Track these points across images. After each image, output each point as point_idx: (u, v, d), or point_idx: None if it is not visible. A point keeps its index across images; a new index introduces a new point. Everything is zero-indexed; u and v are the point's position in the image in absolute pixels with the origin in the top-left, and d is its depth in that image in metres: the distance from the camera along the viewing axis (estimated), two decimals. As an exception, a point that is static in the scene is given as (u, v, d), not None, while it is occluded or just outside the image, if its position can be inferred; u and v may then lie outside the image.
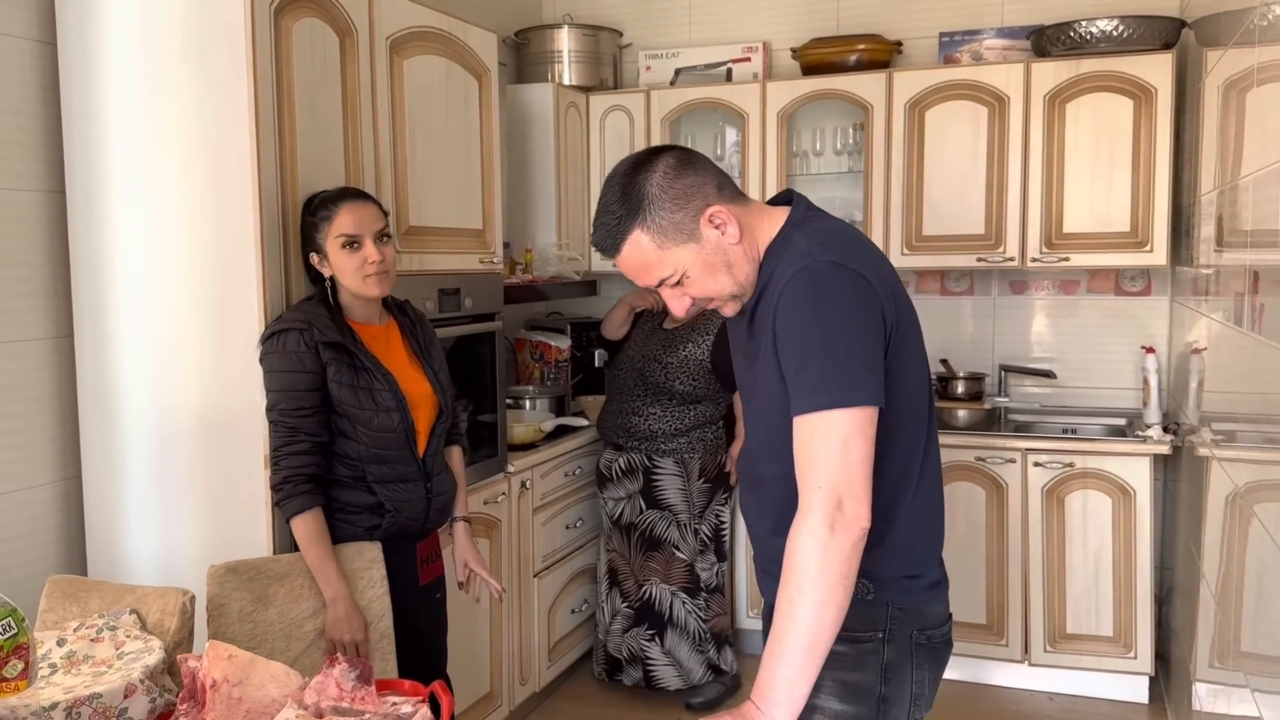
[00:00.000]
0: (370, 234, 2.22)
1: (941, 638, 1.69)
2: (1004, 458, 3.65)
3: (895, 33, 4.17)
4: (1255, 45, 2.24)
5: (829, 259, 1.53)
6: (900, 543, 1.61)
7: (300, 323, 2.18)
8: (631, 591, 3.58)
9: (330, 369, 2.18)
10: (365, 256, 2.21)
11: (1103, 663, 3.60)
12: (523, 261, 3.96)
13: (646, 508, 3.50)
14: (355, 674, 1.59)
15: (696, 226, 1.57)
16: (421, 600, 2.38)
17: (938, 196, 3.88)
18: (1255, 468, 2.16)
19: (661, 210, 1.56)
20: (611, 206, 1.58)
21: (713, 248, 1.58)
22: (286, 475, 2.15)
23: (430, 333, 2.48)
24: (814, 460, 1.47)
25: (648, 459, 3.50)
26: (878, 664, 1.61)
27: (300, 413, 2.16)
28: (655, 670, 3.56)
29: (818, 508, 1.46)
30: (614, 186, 1.59)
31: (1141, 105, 3.61)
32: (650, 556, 3.51)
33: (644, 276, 1.62)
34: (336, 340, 2.19)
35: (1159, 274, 3.95)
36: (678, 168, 1.58)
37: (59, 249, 2.47)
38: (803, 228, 1.62)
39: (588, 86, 4.30)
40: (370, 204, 2.27)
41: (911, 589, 1.64)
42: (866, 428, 1.47)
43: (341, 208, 2.23)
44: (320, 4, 2.43)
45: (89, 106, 2.39)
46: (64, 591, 2.01)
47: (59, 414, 2.49)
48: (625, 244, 1.58)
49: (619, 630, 3.62)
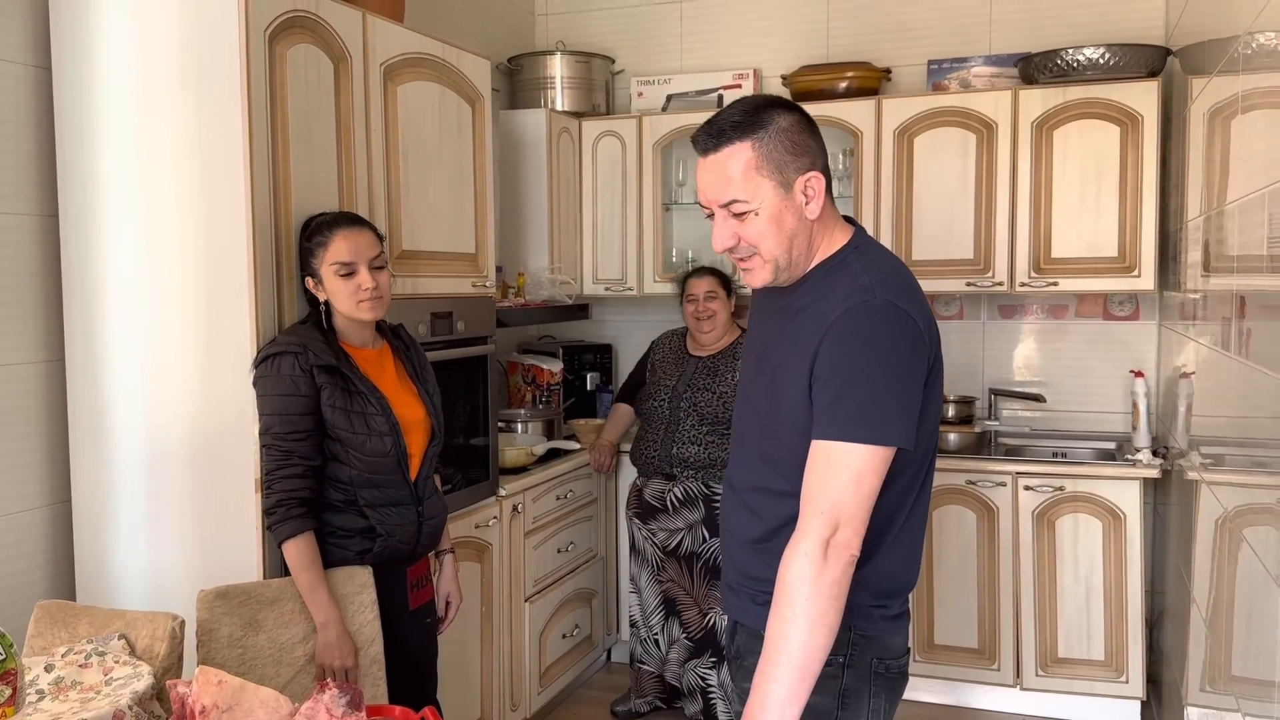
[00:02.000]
0: (364, 261, 2.23)
1: (899, 669, 1.69)
2: (994, 481, 3.66)
3: (884, 60, 4.21)
4: (1239, 73, 2.27)
5: (888, 299, 1.55)
6: (877, 573, 1.62)
7: (295, 346, 2.18)
8: (694, 621, 3.53)
9: (324, 393, 2.18)
10: (359, 283, 2.22)
11: (1094, 687, 3.59)
12: (515, 285, 3.97)
13: (710, 536, 3.46)
14: (345, 700, 1.58)
15: (793, 180, 1.58)
16: (412, 625, 2.37)
17: (927, 221, 3.91)
18: (1244, 491, 2.17)
19: (777, 143, 1.57)
20: (732, 114, 1.59)
21: (793, 209, 1.59)
22: (279, 499, 2.15)
23: (423, 357, 2.49)
24: (825, 486, 1.49)
25: (706, 487, 3.47)
26: (836, 688, 1.61)
27: (294, 436, 2.16)
28: (714, 700, 3.50)
29: (815, 531, 1.48)
30: (741, 104, 1.61)
31: (1128, 132, 3.65)
32: (714, 585, 3.46)
33: (718, 190, 1.59)
34: (331, 364, 2.19)
35: (1147, 299, 3.98)
36: (806, 125, 1.61)
37: (51, 273, 2.47)
38: (863, 255, 1.63)
39: (580, 112, 4.33)
40: (365, 231, 2.28)
41: (874, 618, 1.64)
42: (881, 466, 1.50)
43: (337, 234, 2.23)
44: (315, 30, 2.45)
45: (83, 131, 2.40)
46: (52, 616, 1.99)
47: (50, 438, 2.48)
48: (728, 147, 1.58)
49: (677, 660, 3.57)
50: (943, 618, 3.75)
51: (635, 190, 4.27)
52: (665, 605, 3.58)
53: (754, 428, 1.70)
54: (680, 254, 4.39)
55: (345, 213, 2.37)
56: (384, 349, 2.39)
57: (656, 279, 4.25)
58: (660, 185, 4.25)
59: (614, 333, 4.70)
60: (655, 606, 3.60)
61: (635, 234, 4.29)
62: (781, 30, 4.38)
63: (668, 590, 3.57)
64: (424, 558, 2.43)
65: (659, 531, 3.55)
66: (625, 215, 4.30)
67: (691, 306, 3.54)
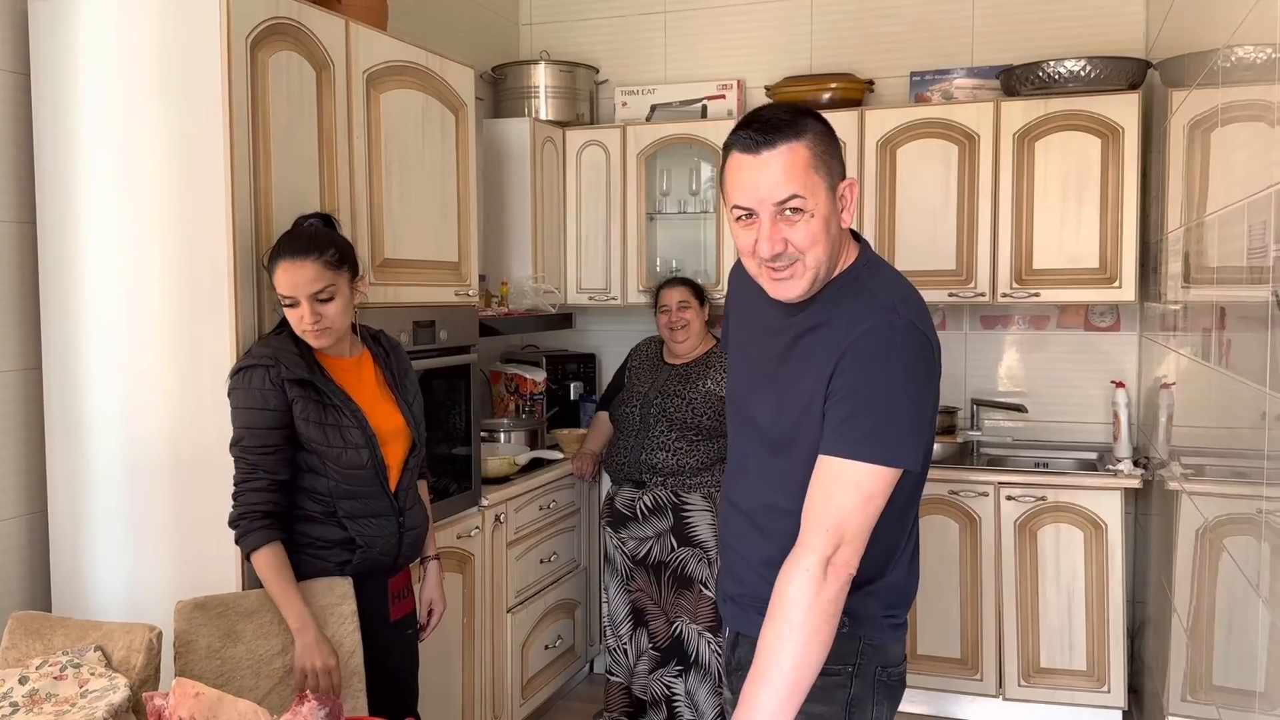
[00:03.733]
0: (305, 296, 2.13)
1: (899, 676, 1.71)
2: (976, 491, 3.67)
3: (867, 72, 4.23)
4: (1219, 86, 2.29)
5: (910, 320, 1.54)
6: (889, 588, 1.65)
7: (268, 359, 2.15)
8: (660, 631, 3.51)
9: (297, 406, 2.15)
10: (300, 315, 2.14)
11: (1076, 696, 3.60)
12: (499, 294, 3.96)
13: (678, 545, 3.45)
14: (325, 712, 1.57)
15: (838, 184, 1.56)
16: (392, 637, 2.35)
17: (909, 232, 3.92)
18: (1224, 501, 2.18)
19: (825, 144, 1.53)
20: (779, 113, 1.53)
21: (836, 215, 1.55)
22: (243, 511, 2.13)
23: (405, 363, 2.45)
24: (831, 503, 1.49)
25: (675, 495, 3.46)
26: (844, 697, 1.63)
27: (261, 450, 2.13)
28: (679, 709, 3.50)
29: (818, 549, 1.47)
30: (779, 107, 1.56)
31: (1109, 144, 3.67)
32: (682, 595, 3.46)
33: (774, 187, 1.50)
34: (303, 377, 2.16)
35: (1128, 310, 4.00)
36: (834, 135, 1.57)
37: (29, 280, 2.45)
38: (876, 273, 1.63)
39: (564, 121, 4.33)
40: (307, 264, 2.13)
41: (883, 627, 1.66)
42: (888, 488, 1.50)
43: (278, 267, 2.14)
44: (297, 38, 2.44)
45: (61, 137, 2.38)
46: (27, 628, 1.97)
47: (26, 446, 2.46)
48: (785, 144, 1.49)
49: (645, 671, 3.56)
50: (925, 628, 3.75)
51: (619, 200, 4.27)
52: (633, 615, 3.58)
53: (757, 447, 1.69)
54: (664, 264, 4.39)
55: (294, 238, 2.18)
56: (363, 356, 2.35)
57: (640, 289, 4.25)
58: (644, 195, 4.25)
59: (597, 342, 4.69)
60: (624, 616, 3.60)
61: (619, 244, 4.29)
62: (765, 41, 4.39)
63: (636, 600, 3.56)
64: (406, 568, 2.41)
65: (629, 540, 3.54)
66: (609, 225, 4.30)
67: (665, 317, 3.55)
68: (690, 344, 3.55)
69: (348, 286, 2.21)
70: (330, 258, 2.16)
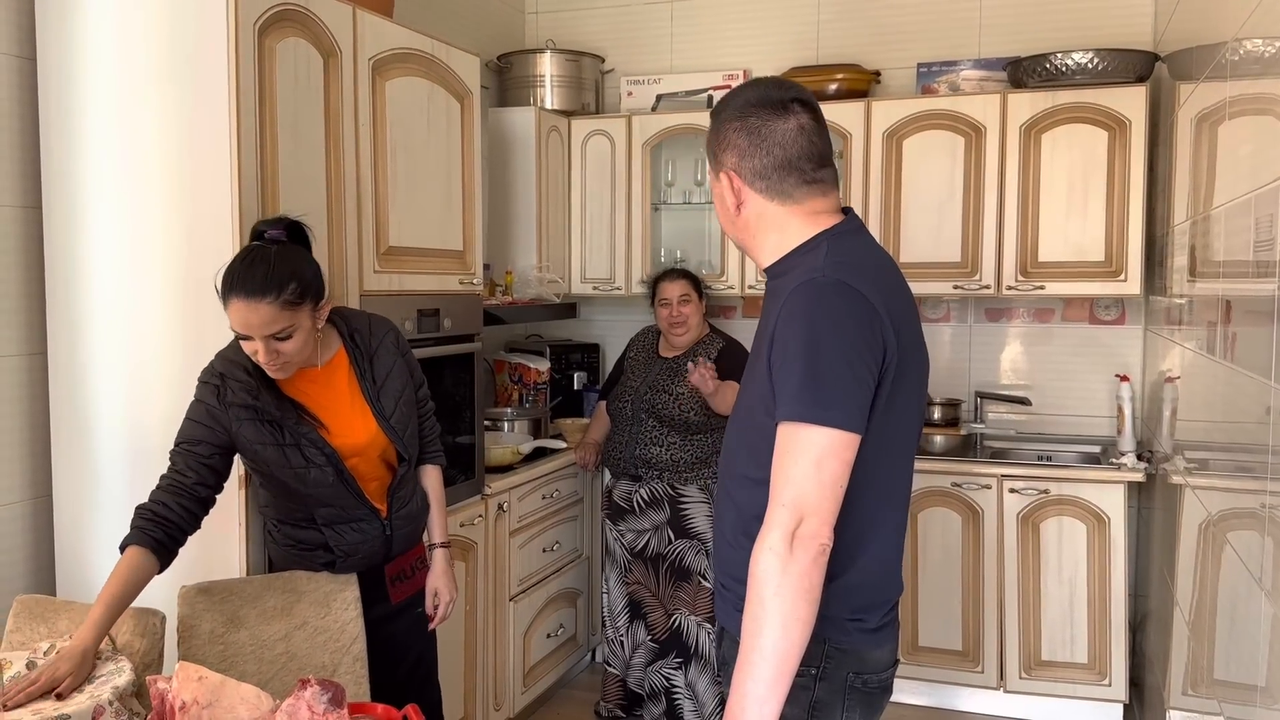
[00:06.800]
0: (259, 335, 1.95)
1: (879, 683, 1.64)
2: (980, 484, 3.67)
3: (874, 63, 4.22)
4: (1227, 79, 2.28)
5: (838, 277, 1.51)
6: (851, 584, 1.58)
7: (216, 379, 2.06)
8: (659, 623, 3.52)
9: (246, 429, 2.05)
10: (255, 349, 1.97)
11: (1077, 690, 3.61)
12: (503, 283, 3.96)
13: (676, 537, 3.46)
14: (327, 696, 1.58)
15: (719, 164, 1.72)
16: (398, 618, 2.33)
17: (915, 224, 3.92)
18: (1228, 495, 2.18)
19: (725, 126, 1.74)
20: None
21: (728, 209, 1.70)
22: (140, 507, 2.01)
23: (388, 363, 2.24)
24: (785, 475, 1.46)
25: (671, 488, 3.46)
26: (806, 700, 1.58)
27: (187, 458, 2.04)
28: (679, 700, 3.50)
29: (779, 524, 1.44)
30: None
31: (1116, 137, 3.66)
32: (680, 587, 3.46)
33: None
34: (249, 403, 2.05)
35: (1133, 303, 3.99)
36: (765, 118, 1.75)
37: (34, 265, 2.45)
38: (836, 242, 1.60)
39: (569, 111, 4.32)
40: (261, 306, 1.92)
41: (851, 631, 1.59)
42: (843, 452, 1.45)
43: (230, 304, 1.94)
44: (304, 24, 2.44)
45: (67, 122, 2.38)
46: (32, 612, 1.98)
47: (30, 431, 2.46)
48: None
49: (641, 664, 3.56)
50: (927, 620, 3.75)
51: (624, 190, 4.27)
52: (631, 607, 3.59)
53: (738, 415, 1.69)
54: (669, 254, 4.39)
55: (249, 274, 1.94)
56: (335, 362, 2.18)
57: (644, 279, 4.25)
58: (649, 185, 4.25)
59: (601, 332, 4.70)
60: (621, 608, 3.61)
61: (624, 233, 4.28)
62: (771, 31, 4.38)
63: (634, 592, 3.57)
64: (402, 555, 2.35)
65: (627, 533, 3.55)
66: (614, 215, 4.30)
67: (665, 310, 3.53)
68: (690, 337, 3.55)
69: (310, 317, 2.02)
70: (291, 295, 1.94)
